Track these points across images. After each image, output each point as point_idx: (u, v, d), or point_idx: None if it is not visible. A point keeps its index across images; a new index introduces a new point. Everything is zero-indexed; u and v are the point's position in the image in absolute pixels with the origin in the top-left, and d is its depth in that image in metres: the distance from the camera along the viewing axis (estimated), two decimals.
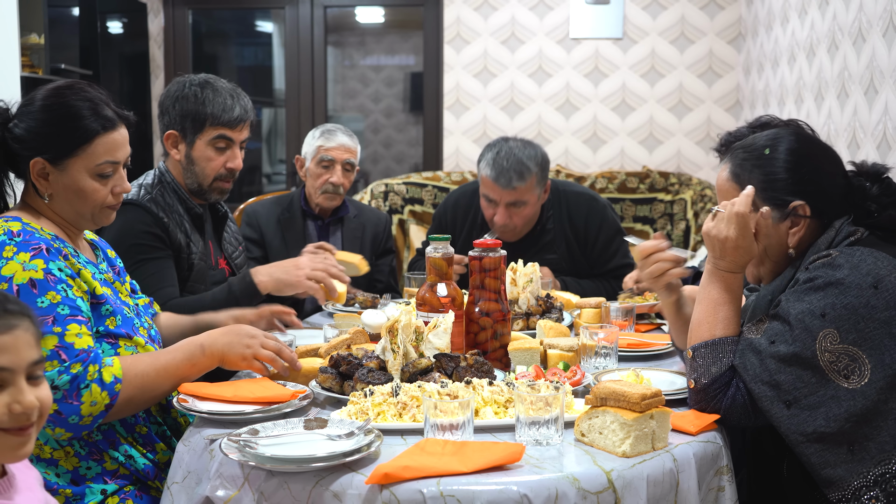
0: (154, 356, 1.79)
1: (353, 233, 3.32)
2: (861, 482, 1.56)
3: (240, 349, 1.82)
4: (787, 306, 1.65)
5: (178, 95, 2.44)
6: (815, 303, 1.61)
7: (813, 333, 1.60)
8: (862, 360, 1.57)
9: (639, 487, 1.44)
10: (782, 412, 1.59)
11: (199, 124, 2.42)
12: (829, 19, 3.36)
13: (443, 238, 2.06)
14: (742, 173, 1.77)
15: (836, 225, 1.72)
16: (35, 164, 1.76)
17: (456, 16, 4.83)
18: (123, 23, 5.27)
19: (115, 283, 1.91)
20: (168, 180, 2.46)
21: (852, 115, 3.12)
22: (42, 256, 1.69)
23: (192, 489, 1.57)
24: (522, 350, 1.99)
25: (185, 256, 2.38)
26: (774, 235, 1.75)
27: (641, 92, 4.77)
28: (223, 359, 1.82)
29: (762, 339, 1.66)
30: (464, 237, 3.16)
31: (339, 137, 3.26)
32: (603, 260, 3.14)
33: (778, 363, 1.61)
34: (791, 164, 1.74)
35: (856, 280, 1.60)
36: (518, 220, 3.01)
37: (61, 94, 1.79)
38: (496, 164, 2.93)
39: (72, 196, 1.79)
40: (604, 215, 3.15)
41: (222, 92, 2.43)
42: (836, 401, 1.57)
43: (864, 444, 1.56)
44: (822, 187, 1.74)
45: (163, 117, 2.48)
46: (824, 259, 1.65)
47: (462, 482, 1.38)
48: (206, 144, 2.43)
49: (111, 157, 1.80)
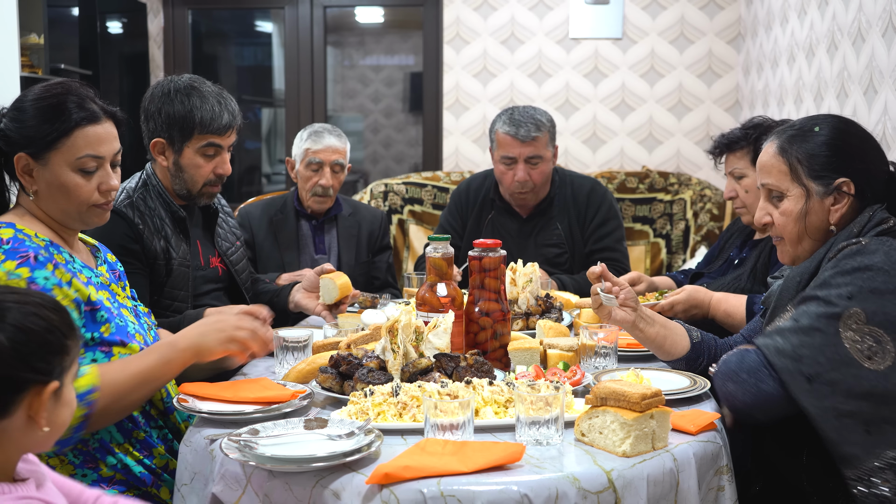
0: (125, 362, 1.73)
1: (349, 231, 3.31)
2: (876, 463, 1.57)
3: (214, 335, 1.78)
4: (813, 290, 1.67)
5: (163, 102, 2.38)
6: (844, 285, 1.63)
7: (838, 311, 1.61)
8: (886, 342, 1.59)
9: (639, 487, 1.44)
10: (803, 385, 1.59)
11: (188, 132, 2.37)
12: (828, 19, 3.36)
13: (443, 238, 2.06)
14: (790, 148, 1.79)
15: (873, 209, 1.75)
16: (19, 159, 1.75)
17: (455, 16, 4.83)
18: (123, 23, 5.27)
19: (112, 285, 1.89)
20: (153, 183, 2.42)
21: (852, 115, 3.13)
22: (28, 265, 1.66)
23: (202, 490, 1.57)
24: (522, 350, 2.00)
25: (162, 263, 2.34)
26: (818, 211, 1.77)
27: (641, 92, 4.78)
28: (198, 350, 1.77)
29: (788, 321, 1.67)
30: (475, 214, 3.31)
31: (327, 139, 3.22)
32: (595, 238, 3.20)
33: (801, 336, 1.62)
34: (839, 141, 1.77)
35: (885, 266, 1.62)
36: (537, 177, 3.13)
37: (47, 91, 1.78)
38: (513, 120, 3.10)
39: (55, 192, 1.76)
40: (605, 197, 3.26)
41: (209, 98, 2.39)
42: (857, 379, 1.58)
43: (881, 426, 1.57)
44: (867, 168, 1.77)
45: (147, 123, 2.42)
46: (855, 246, 1.67)
47: (462, 482, 1.38)
48: (195, 152, 2.39)
49: (92, 151, 1.76)
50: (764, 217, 1.84)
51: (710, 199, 4.15)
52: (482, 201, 3.32)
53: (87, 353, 1.73)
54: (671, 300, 2.41)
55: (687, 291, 2.43)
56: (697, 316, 2.41)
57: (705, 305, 2.41)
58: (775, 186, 1.81)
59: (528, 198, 3.19)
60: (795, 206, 1.78)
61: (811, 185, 1.77)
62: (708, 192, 4.17)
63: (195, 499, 1.58)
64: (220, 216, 2.60)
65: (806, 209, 1.77)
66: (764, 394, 1.64)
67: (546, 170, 3.15)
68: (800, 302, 1.69)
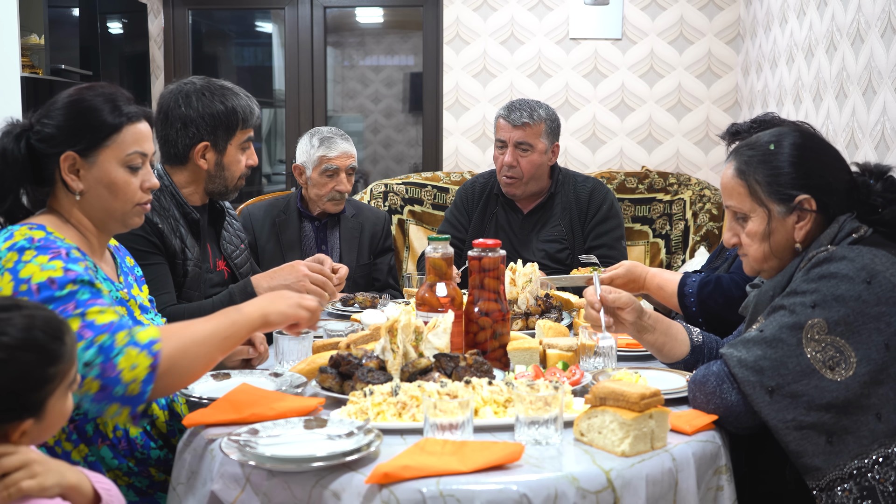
0: (187, 323, 1.70)
1: (351, 232, 3.32)
2: (837, 474, 1.57)
3: (282, 302, 1.74)
4: (781, 300, 1.67)
5: (202, 105, 2.38)
6: (809, 293, 1.63)
7: (801, 322, 1.61)
8: (848, 352, 1.58)
9: (638, 487, 1.45)
10: (764, 398, 1.60)
11: (232, 129, 2.41)
12: (827, 20, 3.37)
13: (442, 238, 2.07)
14: (747, 170, 1.78)
15: (840, 220, 1.73)
16: (66, 158, 1.75)
17: (455, 16, 4.84)
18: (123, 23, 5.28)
19: (130, 301, 1.87)
20: (166, 184, 2.41)
21: (850, 115, 3.13)
22: (61, 258, 1.66)
23: (199, 489, 1.57)
24: (522, 350, 2.00)
25: (179, 262, 2.34)
26: (782, 230, 1.76)
27: (640, 92, 4.78)
28: (265, 316, 1.72)
29: (754, 331, 1.68)
30: (480, 208, 3.35)
31: (340, 145, 3.25)
32: (595, 235, 3.22)
33: (764, 348, 1.62)
34: (796, 158, 1.75)
35: (850, 273, 1.61)
36: (525, 165, 3.17)
37: (84, 91, 1.80)
38: (510, 106, 3.23)
39: (103, 191, 1.78)
40: (607, 196, 3.29)
41: (238, 93, 2.44)
42: (818, 391, 1.58)
43: (843, 436, 1.57)
44: (827, 182, 1.75)
45: (187, 129, 2.38)
46: (823, 253, 1.67)
47: (461, 482, 1.39)
48: (236, 148, 2.44)
49: (140, 148, 1.80)
50: (731, 238, 1.84)
51: (709, 199, 4.15)
52: (487, 196, 3.36)
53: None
54: (610, 275, 2.47)
55: (625, 266, 2.48)
56: (634, 290, 2.48)
57: (641, 280, 2.48)
58: (738, 208, 1.81)
59: (516, 186, 3.20)
60: (759, 226, 1.78)
61: (772, 206, 1.76)
62: (707, 193, 4.17)
63: (191, 498, 1.58)
64: (226, 219, 2.60)
65: (770, 229, 1.77)
66: (729, 405, 1.64)
67: (536, 161, 3.17)
68: (770, 311, 1.69)
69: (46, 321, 1.32)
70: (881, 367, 1.58)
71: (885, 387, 1.58)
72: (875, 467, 1.56)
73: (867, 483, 1.55)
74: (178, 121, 2.39)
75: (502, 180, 3.23)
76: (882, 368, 1.58)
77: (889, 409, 1.58)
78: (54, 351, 1.30)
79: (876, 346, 1.58)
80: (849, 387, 1.57)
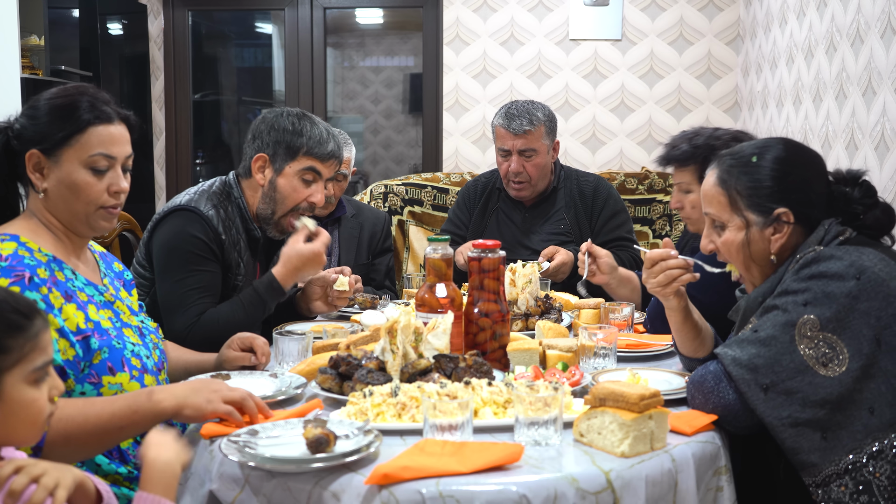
0: (89, 401, 1.60)
1: (350, 233, 3.32)
2: (832, 469, 1.59)
3: (199, 400, 1.61)
4: (773, 300, 1.69)
5: (273, 122, 2.42)
6: (800, 292, 1.65)
7: (794, 320, 1.63)
8: (840, 348, 1.60)
9: (637, 488, 1.45)
10: (759, 396, 1.61)
11: (293, 152, 2.39)
12: (827, 21, 3.37)
13: (442, 239, 2.07)
14: (729, 179, 1.80)
15: (826, 224, 1.75)
16: (30, 156, 1.75)
17: (455, 17, 4.84)
18: (123, 24, 5.28)
19: (116, 303, 1.86)
20: (236, 195, 2.42)
21: (850, 116, 3.13)
22: (21, 285, 1.63)
23: (196, 490, 1.57)
24: (521, 351, 2.00)
25: (231, 276, 2.36)
26: (759, 241, 1.78)
27: (640, 93, 4.78)
28: (181, 406, 1.59)
29: (748, 331, 1.69)
30: (481, 205, 3.40)
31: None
32: (607, 229, 3.28)
33: (758, 347, 1.64)
34: (777, 172, 1.77)
35: (840, 271, 1.63)
36: (531, 170, 3.22)
37: (64, 91, 1.79)
38: (508, 114, 3.24)
39: (65, 191, 1.75)
40: (610, 192, 3.36)
41: (319, 125, 2.44)
42: (812, 387, 1.60)
43: (837, 432, 1.59)
44: (808, 196, 1.77)
45: (254, 141, 2.42)
46: (812, 254, 1.69)
47: (461, 482, 1.39)
48: (295, 174, 2.40)
49: (105, 150, 1.76)
50: (708, 245, 1.87)
51: None
52: (489, 192, 3.41)
53: (76, 386, 1.70)
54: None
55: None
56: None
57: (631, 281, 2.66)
58: (717, 216, 1.83)
59: (525, 189, 3.26)
60: (736, 236, 1.80)
61: (750, 217, 1.78)
62: None
63: (189, 498, 1.58)
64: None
65: (747, 239, 1.79)
66: (727, 403, 1.66)
67: (541, 162, 3.23)
68: (763, 311, 1.71)
69: (19, 297, 1.29)
70: (872, 362, 1.60)
71: (876, 381, 1.60)
72: (870, 461, 1.57)
73: (863, 477, 1.57)
74: (252, 132, 2.46)
75: (511, 186, 3.27)
76: (873, 363, 1.60)
77: (881, 402, 1.59)
78: (16, 321, 1.26)
79: (866, 340, 1.60)
80: (842, 382, 1.59)
